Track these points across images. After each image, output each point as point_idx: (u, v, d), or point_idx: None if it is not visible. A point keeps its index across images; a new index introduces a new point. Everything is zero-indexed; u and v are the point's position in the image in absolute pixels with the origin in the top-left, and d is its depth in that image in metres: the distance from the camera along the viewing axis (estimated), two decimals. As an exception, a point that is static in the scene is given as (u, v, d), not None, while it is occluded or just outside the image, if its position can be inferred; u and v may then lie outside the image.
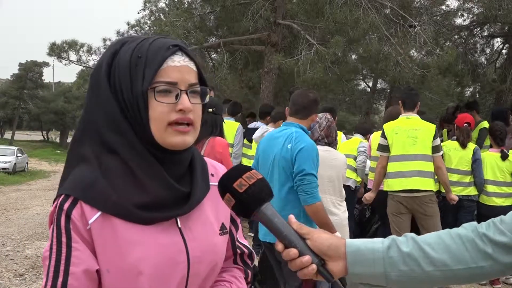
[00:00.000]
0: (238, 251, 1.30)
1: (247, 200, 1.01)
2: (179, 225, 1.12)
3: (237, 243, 1.30)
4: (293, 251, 1.02)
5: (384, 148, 4.81)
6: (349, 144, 6.40)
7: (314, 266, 1.02)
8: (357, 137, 6.58)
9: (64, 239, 1.02)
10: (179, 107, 1.07)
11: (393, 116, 5.57)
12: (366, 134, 6.72)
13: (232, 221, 1.28)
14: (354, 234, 6.04)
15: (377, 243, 1.06)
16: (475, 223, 1.09)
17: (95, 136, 1.09)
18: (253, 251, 1.34)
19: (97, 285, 1.05)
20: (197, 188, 1.14)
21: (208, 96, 1.16)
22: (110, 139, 1.07)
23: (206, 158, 1.29)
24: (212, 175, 1.24)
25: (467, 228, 1.07)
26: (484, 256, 1.02)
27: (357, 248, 1.05)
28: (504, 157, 5.37)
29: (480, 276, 1.04)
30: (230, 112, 6.98)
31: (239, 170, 1.04)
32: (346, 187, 5.94)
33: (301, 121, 3.33)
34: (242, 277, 1.30)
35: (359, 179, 6.25)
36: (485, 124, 6.69)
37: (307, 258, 1.02)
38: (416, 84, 11.08)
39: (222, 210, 1.22)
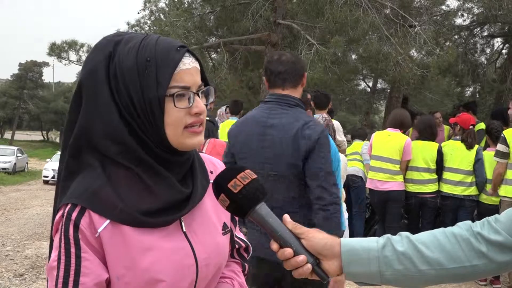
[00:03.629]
0: (236, 245, 1.31)
1: (241, 200, 1.01)
2: (184, 229, 1.11)
3: (235, 238, 1.31)
4: (288, 251, 1.02)
5: (504, 155, 4.94)
6: (353, 148, 6.75)
7: (309, 265, 1.03)
8: (357, 142, 6.88)
9: (73, 250, 1.00)
10: (194, 111, 1.06)
11: (398, 118, 5.58)
12: (364, 137, 7.08)
13: (231, 217, 1.28)
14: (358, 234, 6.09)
15: (372, 242, 1.07)
16: (469, 222, 1.09)
17: (94, 144, 1.06)
18: (249, 244, 1.35)
19: None
20: (198, 186, 1.14)
21: (213, 97, 1.15)
22: (109, 148, 1.05)
23: (204, 155, 1.28)
24: (211, 172, 1.23)
25: (462, 227, 1.07)
26: (479, 255, 1.03)
27: (352, 247, 1.05)
28: None
29: (475, 275, 1.04)
30: (231, 111, 6.98)
31: (233, 170, 1.04)
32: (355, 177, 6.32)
33: None
34: (240, 271, 1.31)
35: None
36: (482, 125, 6.72)
37: (302, 257, 1.02)
38: (416, 84, 11.10)
39: (223, 208, 1.22)
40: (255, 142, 2.43)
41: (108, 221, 1.02)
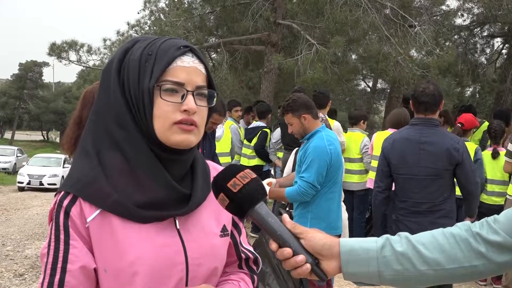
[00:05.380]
0: (243, 255, 1.28)
1: (241, 199, 1.01)
2: (178, 226, 1.11)
3: (241, 247, 1.27)
4: (287, 251, 1.02)
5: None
6: (352, 148, 6.25)
7: (308, 265, 1.02)
8: (358, 133, 6.35)
9: (62, 236, 1.02)
10: (183, 108, 1.06)
11: (398, 118, 5.57)
12: (359, 120, 6.45)
13: (235, 225, 1.26)
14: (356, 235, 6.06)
15: (371, 242, 1.06)
16: (468, 222, 1.09)
17: (101, 129, 1.10)
18: (258, 256, 1.32)
19: (95, 284, 1.05)
20: (198, 190, 1.14)
21: (215, 99, 1.15)
22: (115, 133, 1.08)
23: (210, 162, 1.28)
24: None
25: (461, 227, 1.07)
26: (478, 255, 1.03)
27: (351, 247, 1.05)
28: (494, 155, 5.37)
29: (473, 275, 1.04)
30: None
31: (233, 170, 1.04)
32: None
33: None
34: (249, 281, 1.29)
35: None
36: (487, 124, 6.72)
37: (301, 257, 1.02)
38: (416, 84, 11.09)
39: (225, 212, 1.18)
40: (411, 154, 3.28)
41: (98, 211, 1.04)
